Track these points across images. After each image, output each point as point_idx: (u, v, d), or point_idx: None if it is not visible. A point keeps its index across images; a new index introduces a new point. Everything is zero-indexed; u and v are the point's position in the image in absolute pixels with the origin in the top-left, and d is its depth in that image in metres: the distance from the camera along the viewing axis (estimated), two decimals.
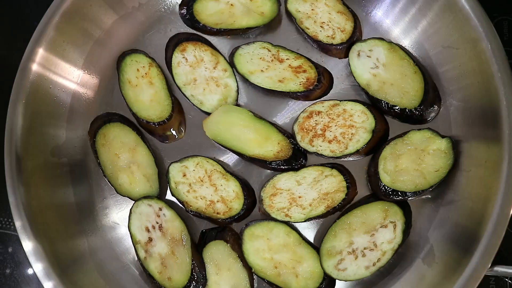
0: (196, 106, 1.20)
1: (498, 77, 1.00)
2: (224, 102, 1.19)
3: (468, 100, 1.10)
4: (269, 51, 1.20)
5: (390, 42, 1.17)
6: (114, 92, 1.25)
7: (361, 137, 1.11)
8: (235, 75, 1.21)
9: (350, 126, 1.12)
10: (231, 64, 1.21)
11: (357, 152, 1.11)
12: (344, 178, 1.11)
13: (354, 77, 1.17)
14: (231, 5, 1.22)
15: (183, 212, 1.16)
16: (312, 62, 1.19)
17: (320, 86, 1.16)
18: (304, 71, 1.17)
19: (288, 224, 1.12)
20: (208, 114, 1.18)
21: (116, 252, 1.19)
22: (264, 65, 1.19)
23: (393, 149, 1.11)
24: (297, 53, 1.20)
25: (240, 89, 1.22)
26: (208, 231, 1.15)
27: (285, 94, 1.17)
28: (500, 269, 0.97)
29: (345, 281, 1.11)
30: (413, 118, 1.13)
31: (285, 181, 1.13)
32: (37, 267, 1.03)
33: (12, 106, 1.09)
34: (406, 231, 1.08)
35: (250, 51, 1.20)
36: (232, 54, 1.21)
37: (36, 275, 1.03)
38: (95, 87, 1.25)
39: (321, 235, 1.14)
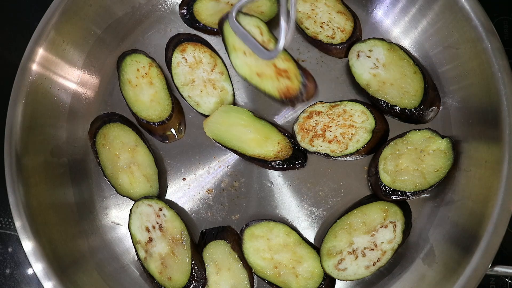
0: (193, 107, 1.19)
1: (498, 77, 1.01)
2: (220, 105, 1.19)
3: (468, 100, 1.10)
4: (261, 35, 1.04)
5: (390, 42, 1.17)
6: (114, 92, 1.25)
7: (361, 137, 1.11)
8: (230, 79, 1.21)
9: (350, 126, 1.12)
10: (220, 29, 1.09)
11: (357, 152, 1.11)
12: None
13: (354, 77, 1.17)
14: (231, 5, 1.22)
15: (183, 212, 1.16)
16: (301, 71, 1.02)
17: (295, 104, 1.03)
18: (288, 78, 1.02)
19: (288, 224, 1.12)
20: (205, 116, 1.18)
21: (116, 252, 1.19)
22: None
23: (393, 149, 1.11)
24: (289, 54, 1.05)
25: (240, 89, 1.22)
26: (208, 231, 1.15)
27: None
28: (500, 269, 0.97)
29: (345, 281, 1.11)
30: (413, 118, 1.13)
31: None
32: (37, 267, 1.03)
33: (12, 106, 1.09)
34: (406, 231, 1.08)
35: (244, 23, 1.05)
36: (222, 19, 1.08)
37: (36, 275, 1.03)
38: (95, 87, 1.25)
39: (321, 235, 1.14)
